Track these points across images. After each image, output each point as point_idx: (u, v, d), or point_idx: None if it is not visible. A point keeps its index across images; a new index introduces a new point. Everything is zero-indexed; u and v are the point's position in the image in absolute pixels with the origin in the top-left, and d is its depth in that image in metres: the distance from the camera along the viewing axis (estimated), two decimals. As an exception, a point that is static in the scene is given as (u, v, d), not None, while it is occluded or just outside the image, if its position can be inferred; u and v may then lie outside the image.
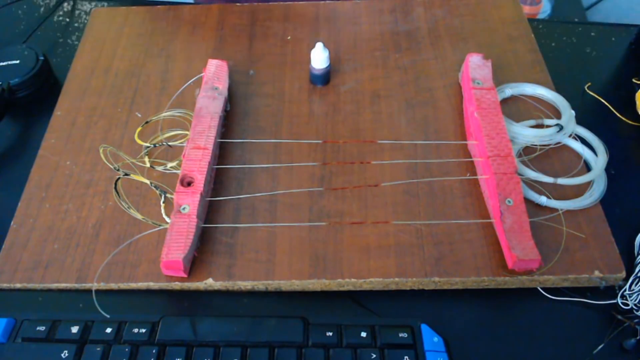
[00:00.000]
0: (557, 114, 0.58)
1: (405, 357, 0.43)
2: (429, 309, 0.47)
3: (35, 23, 0.73)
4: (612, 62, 0.67)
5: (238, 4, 0.71)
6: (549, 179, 0.53)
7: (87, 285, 0.48)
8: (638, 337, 0.45)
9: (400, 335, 0.44)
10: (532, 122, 0.57)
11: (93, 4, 0.75)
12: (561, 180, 0.53)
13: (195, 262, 0.48)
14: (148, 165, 0.55)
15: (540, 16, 1.27)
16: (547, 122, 0.57)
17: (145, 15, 0.70)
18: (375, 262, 0.48)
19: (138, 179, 0.53)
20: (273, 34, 0.67)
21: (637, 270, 0.48)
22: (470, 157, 0.55)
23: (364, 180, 0.54)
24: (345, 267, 0.48)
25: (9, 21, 0.74)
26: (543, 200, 0.51)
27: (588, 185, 0.53)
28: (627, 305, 0.47)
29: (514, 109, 0.59)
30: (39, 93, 0.63)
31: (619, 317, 0.47)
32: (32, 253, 0.50)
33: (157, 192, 0.52)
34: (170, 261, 0.46)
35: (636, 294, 0.47)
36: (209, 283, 0.48)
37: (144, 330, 0.44)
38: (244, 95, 0.61)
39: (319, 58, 0.59)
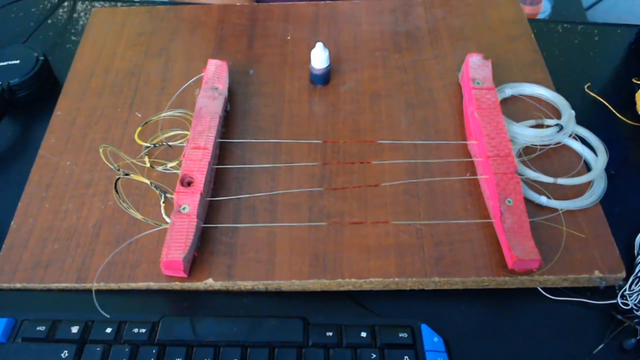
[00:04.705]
0: (557, 114, 0.58)
1: (405, 357, 0.43)
2: (429, 309, 0.47)
3: (35, 23, 0.73)
4: (612, 62, 0.67)
5: (238, 3, 0.71)
6: (549, 179, 0.53)
7: (87, 285, 0.48)
8: (638, 337, 0.45)
9: (400, 335, 0.44)
10: (532, 122, 0.57)
11: (93, 4, 0.75)
12: (561, 180, 0.53)
13: (195, 262, 0.48)
14: (148, 165, 0.55)
15: (540, 16, 1.27)
16: (547, 122, 0.57)
17: (145, 15, 0.70)
18: (375, 262, 0.48)
19: (138, 179, 0.53)
20: (273, 34, 0.67)
21: (637, 270, 0.48)
22: (470, 157, 0.55)
23: (364, 180, 0.54)
24: (345, 267, 0.48)
25: (9, 21, 0.74)
26: (543, 200, 0.51)
27: (588, 185, 0.53)
28: (627, 305, 0.47)
29: (514, 109, 0.59)
30: (39, 93, 0.63)
31: (619, 317, 0.47)
32: (32, 253, 0.50)
33: (157, 192, 0.52)
34: (170, 261, 0.46)
35: (636, 294, 0.47)
36: (209, 283, 0.48)
37: (144, 330, 0.44)
38: (244, 95, 0.61)
39: (319, 58, 0.59)
